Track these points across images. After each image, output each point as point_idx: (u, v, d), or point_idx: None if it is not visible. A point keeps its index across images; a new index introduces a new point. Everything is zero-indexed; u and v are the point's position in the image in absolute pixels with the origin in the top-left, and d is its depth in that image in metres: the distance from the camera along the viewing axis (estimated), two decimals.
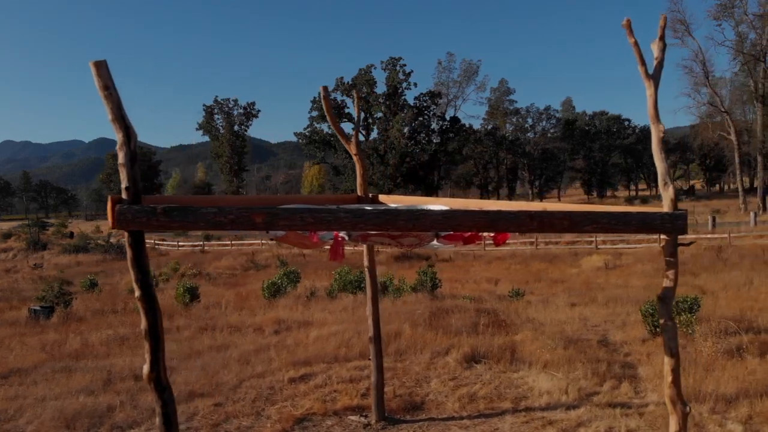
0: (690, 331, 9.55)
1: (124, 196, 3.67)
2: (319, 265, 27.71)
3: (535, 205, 5.15)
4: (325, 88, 6.18)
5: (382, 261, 30.03)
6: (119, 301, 15.67)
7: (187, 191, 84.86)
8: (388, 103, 76.35)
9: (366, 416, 6.68)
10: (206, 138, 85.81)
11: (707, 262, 21.58)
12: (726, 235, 27.63)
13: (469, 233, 4.15)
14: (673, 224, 4.05)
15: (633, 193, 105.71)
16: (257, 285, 17.28)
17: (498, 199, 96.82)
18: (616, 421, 6.18)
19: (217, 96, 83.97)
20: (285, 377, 8.11)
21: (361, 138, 66.93)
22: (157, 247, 45.61)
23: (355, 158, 6.48)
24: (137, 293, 3.81)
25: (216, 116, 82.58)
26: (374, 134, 78.88)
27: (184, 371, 8.74)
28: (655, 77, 4.31)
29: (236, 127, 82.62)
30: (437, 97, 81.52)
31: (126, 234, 3.76)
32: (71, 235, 57.97)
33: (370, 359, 6.84)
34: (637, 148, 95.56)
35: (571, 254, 28.94)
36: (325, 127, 77.88)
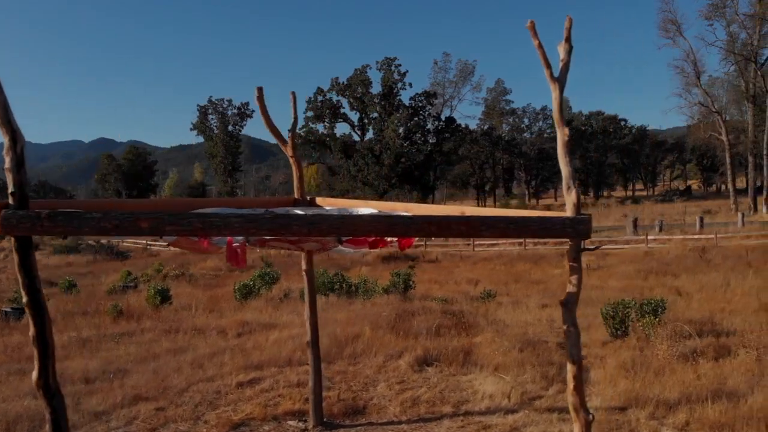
0: (650, 334, 9.48)
1: (10, 200, 3.63)
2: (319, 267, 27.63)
3: (454, 209, 5.10)
4: (260, 89, 6.11)
5: (369, 261, 29.99)
6: (93, 303, 15.59)
7: (182, 191, 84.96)
8: (383, 103, 76.34)
9: (305, 421, 6.62)
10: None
11: (690, 263, 21.49)
12: (713, 236, 27.55)
13: (373, 238, 4.08)
14: (575, 229, 3.99)
15: (630, 193, 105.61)
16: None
17: (494, 199, 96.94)
18: (552, 426, 6.14)
19: (211, 96, 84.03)
20: (233, 381, 8.04)
21: (357, 138, 67.35)
22: (148, 247, 45.58)
23: (291, 160, 6.40)
24: (24, 299, 3.77)
25: (210, 116, 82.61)
26: (369, 134, 78.84)
27: (135, 374, 8.67)
28: (560, 80, 4.25)
29: (230, 128, 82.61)
30: (433, 98, 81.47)
31: (12, 239, 3.72)
32: (64, 236, 57.79)
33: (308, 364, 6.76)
34: (633, 148, 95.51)
35: (558, 255, 28.83)
36: (320, 128, 77.87)
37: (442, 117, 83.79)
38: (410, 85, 77.38)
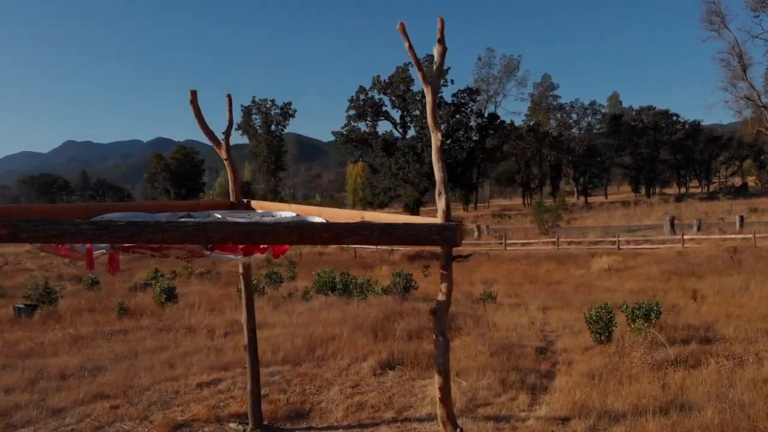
0: (633, 341, 9.12)
1: None
2: (334, 264, 27.86)
3: (354, 214, 5.03)
4: (194, 93, 6.15)
5: (395, 261, 29.93)
6: (106, 301, 16.06)
7: (226, 190, 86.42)
8: (424, 100, 75.95)
9: (246, 424, 6.64)
10: None
11: (720, 265, 20.61)
12: (750, 236, 26.34)
13: (243, 245, 4.05)
14: (442, 236, 3.89)
15: (684, 190, 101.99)
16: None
17: (541, 196, 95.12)
18: None
19: (254, 96, 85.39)
20: (195, 381, 8.15)
21: (398, 136, 67.49)
22: None
23: (225, 163, 6.42)
24: None
25: (254, 116, 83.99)
26: (412, 132, 78.65)
27: (109, 372, 8.88)
28: (433, 83, 4.13)
29: (273, 127, 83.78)
30: (475, 94, 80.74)
31: None
32: None
33: (245, 367, 6.76)
34: (686, 144, 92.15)
35: (588, 255, 28.13)
36: (362, 126, 78.14)
37: (485, 113, 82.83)
38: (452, 81, 76.88)
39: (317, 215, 5.30)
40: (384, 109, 78.41)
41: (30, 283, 17.68)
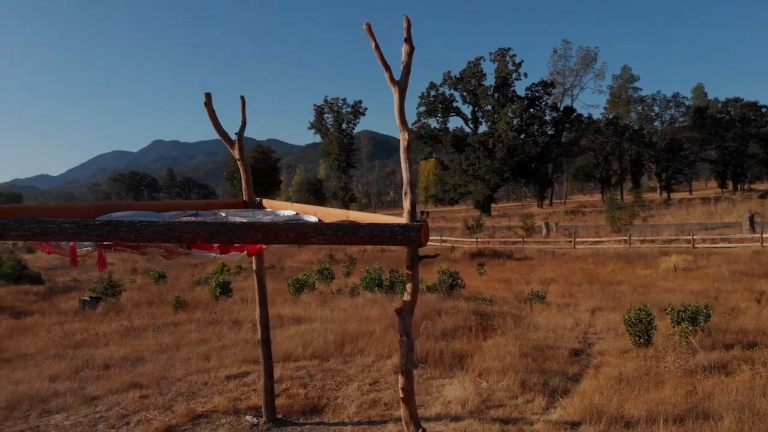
0: (663, 345, 8.74)
1: None
2: (395, 262, 28.00)
3: (338, 213, 5.08)
4: (208, 95, 6.35)
5: (456, 258, 29.70)
6: (166, 294, 16.79)
7: (301, 187, 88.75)
8: (496, 95, 74.94)
9: (260, 417, 6.82)
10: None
11: None
12: None
13: (218, 243, 4.17)
14: (405, 236, 3.86)
15: None
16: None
17: (621, 192, 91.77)
18: None
19: (326, 95, 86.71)
20: (224, 374, 8.42)
21: (469, 131, 66.73)
22: None
23: (239, 163, 6.60)
24: None
25: (326, 115, 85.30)
26: (483, 128, 77.70)
27: (148, 363, 9.31)
28: (401, 83, 4.11)
29: (344, 125, 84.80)
30: (550, 87, 78.77)
31: None
32: None
33: (259, 362, 6.93)
34: None
35: (659, 254, 26.97)
36: (433, 122, 77.83)
37: (561, 107, 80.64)
38: (525, 75, 75.37)
39: (312, 214, 5.39)
40: (455, 104, 77.81)
41: (97, 277, 18.74)
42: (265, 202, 6.52)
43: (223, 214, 5.73)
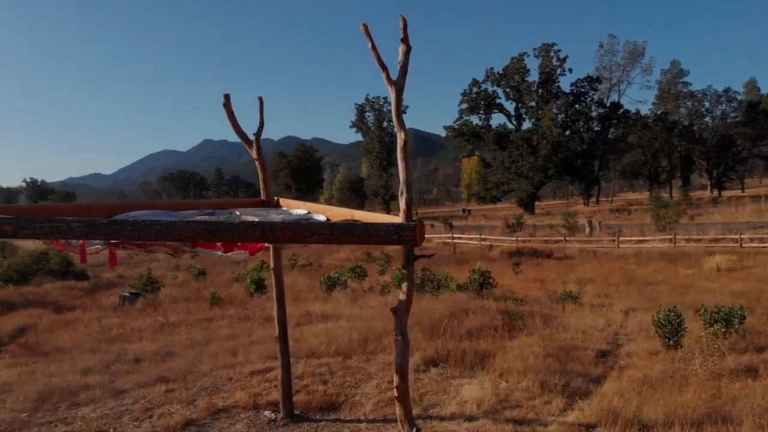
0: (690, 347, 8.50)
1: None
2: (433, 260, 27.95)
3: (344, 212, 5.13)
4: (227, 96, 6.48)
5: (494, 257, 29.46)
6: (203, 290, 17.15)
7: (343, 186, 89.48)
8: (540, 91, 73.88)
9: (278, 412, 6.93)
10: None
11: None
12: None
13: (228, 242, 4.27)
14: (400, 236, 3.89)
15: None
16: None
17: (670, 190, 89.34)
18: None
19: (368, 94, 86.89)
20: (249, 370, 8.58)
21: (511, 128, 66.08)
22: None
23: (256, 163, 6.71)
24: None
25: (367, 114, 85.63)
26: (527, 124, 76.74)
27: (178, 358, 9.56)
28: (398, 83, 4.12)
29: (385, 124, 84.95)
30: (596, 83, 77.19)
31: None
32: None
33: (278, 359, 7.03)
34: None
35: (705, 253, 26.17)
36: (475, 119, 77.22)
37: (607, 102, 78.94)
38: (570, 70, 74.13)
39: (322, 213, 5.46)
40: (497, 101, 77.01)
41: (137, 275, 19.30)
42: (282, 201, 6.61)
43: (238, 213, 5.85)
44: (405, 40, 4.06)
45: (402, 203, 4.03)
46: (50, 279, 20.04)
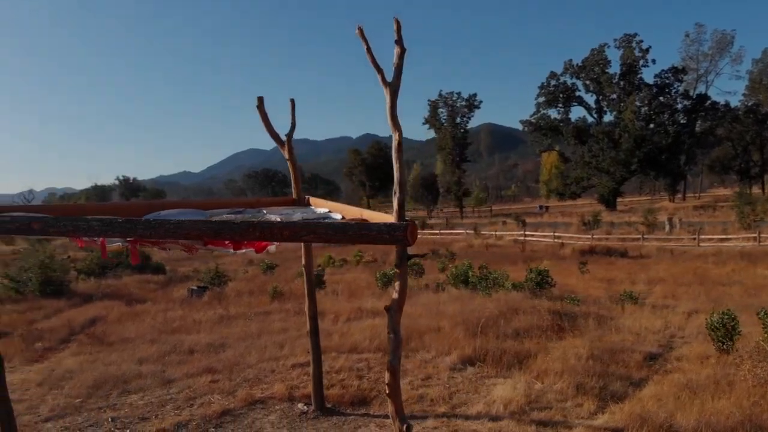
0: (740, 352, 8.07)
1: None
2: (498, 258, 27.73)
3: (354, 211, 5.23)
4: (260, 99, 6.71)
5: (566, 255, 28.77)
6: (267, 285, 17.68)
7: (416, 182, 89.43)
8: (622, 83, 71.28)
9: (310, 405, 7.13)
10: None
11: None
12: None
13: (230, 240, 4.46)
14: (392, 236, 3.96)
15: None
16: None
17: (762, 185, 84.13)
18: None
19: (441, 90, 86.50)
20: (291, 362, 8.84)
21: (591, 122, 64.11)
22: None
23: (288, 163, 6.91)
24: None
25: (440, 110, 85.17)
26: (608, 117, 74.23)
27: (229, 350, 9.96)
28: (393, 84, 4.17)
29: (458, 119, 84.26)
30: (682, 74, 73.69)
31: None
32: None
33: (309, 352, 7.21)
34: None
35: None
36: (553, 113, 75.43)
37: (693, 94, 75.17)
38: (653, 61, 71.18)
39: (340, 212, 5.59)
40: (577, 93, 74.86)
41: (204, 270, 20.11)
42: (312, 200, 6.78)
43: (265, 212, 6.06)
44: (399, 42, 4.11)
45: (395, 203, 4.09)
46: (128, 272, 21.20)
